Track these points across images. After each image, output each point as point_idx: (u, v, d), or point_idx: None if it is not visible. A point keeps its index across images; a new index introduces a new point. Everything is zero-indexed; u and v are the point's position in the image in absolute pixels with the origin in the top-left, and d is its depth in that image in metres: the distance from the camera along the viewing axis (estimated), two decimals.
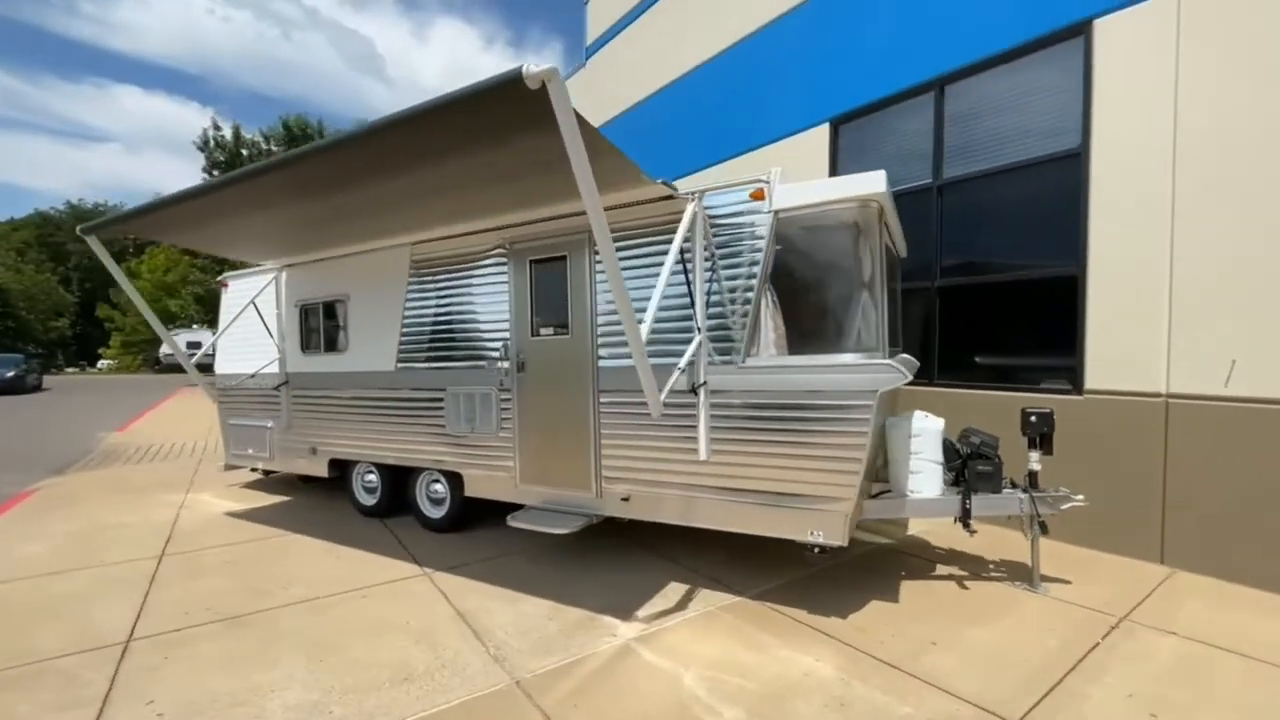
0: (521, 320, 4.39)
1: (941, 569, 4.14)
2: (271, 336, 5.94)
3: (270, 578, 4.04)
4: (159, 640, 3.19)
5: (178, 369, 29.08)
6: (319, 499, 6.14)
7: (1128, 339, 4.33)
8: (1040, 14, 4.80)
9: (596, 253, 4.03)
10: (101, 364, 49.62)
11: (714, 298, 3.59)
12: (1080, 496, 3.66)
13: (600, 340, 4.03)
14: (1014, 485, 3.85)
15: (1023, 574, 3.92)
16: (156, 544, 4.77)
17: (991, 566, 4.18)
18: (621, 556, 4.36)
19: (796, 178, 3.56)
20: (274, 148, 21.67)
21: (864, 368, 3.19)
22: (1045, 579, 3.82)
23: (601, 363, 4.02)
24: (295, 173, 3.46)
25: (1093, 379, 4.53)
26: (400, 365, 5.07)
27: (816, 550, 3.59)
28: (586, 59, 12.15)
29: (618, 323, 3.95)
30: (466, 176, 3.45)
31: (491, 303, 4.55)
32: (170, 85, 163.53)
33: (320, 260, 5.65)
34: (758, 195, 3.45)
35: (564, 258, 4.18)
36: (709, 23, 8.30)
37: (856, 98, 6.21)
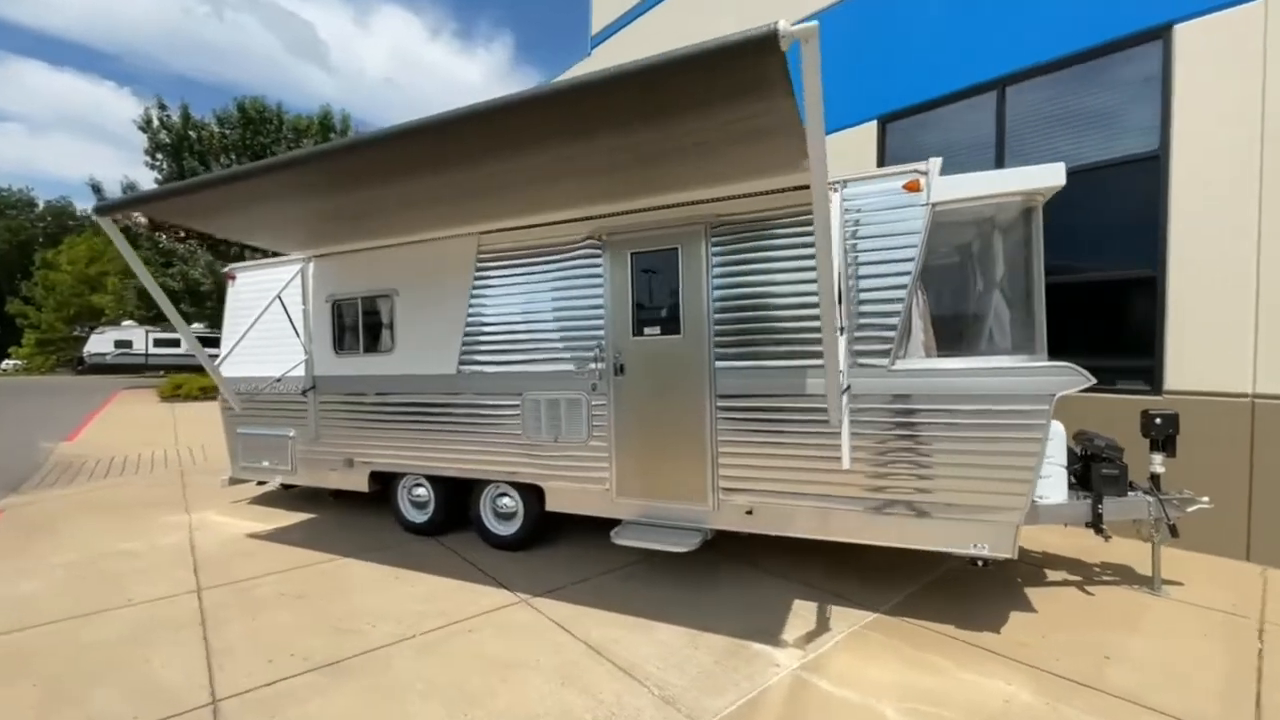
0: (620, 319, 4.03)
1: (1051, 574, 4.08)
2: (297, 336, 5.30)
3: (347, 612, 3.53)
4: (253, 699, 2.67)
5: (106, 369, 26.56)
6: (350, 515, 5.54)
7: (1211, 340, 4.39)
8: (1115, 18, 4.83)
9: (715, 244, 3.74)
10: (8, 364, 44.86)
11: (862, 295, 3.37)
12: (1205, 498, 3.65)
13: (717, 340, 3.73)
14: (1133, 488, 3.81)
15: (1129, 575, 3.91)
16: (184, 575, 4.12)
17: (1097, 570, 4.14)
18: (721, 572, 4.07)
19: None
20: (228, 131, 20.00)
21: (1040, 370, 3.04)
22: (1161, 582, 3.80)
23: (719, 364, 3.73)
24: (382, 153, 3.03)
25: (1173, 379, 4.59)
26: (464, 368, 4.59)
27: (981, 564, 3.42)
28: (592, 49, 11.75)
29: (738, 321, 3.67)
30: (612, 156, 3.09)
31: (581, 299, 4.17)
32: (82, 63, 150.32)
33: (359, 251, 5.08)
34: (912, 186, 3.25)
35: (674, 250, 3.86)
36: (741, 16, 8.11)
37: (906, 97, 6.14)
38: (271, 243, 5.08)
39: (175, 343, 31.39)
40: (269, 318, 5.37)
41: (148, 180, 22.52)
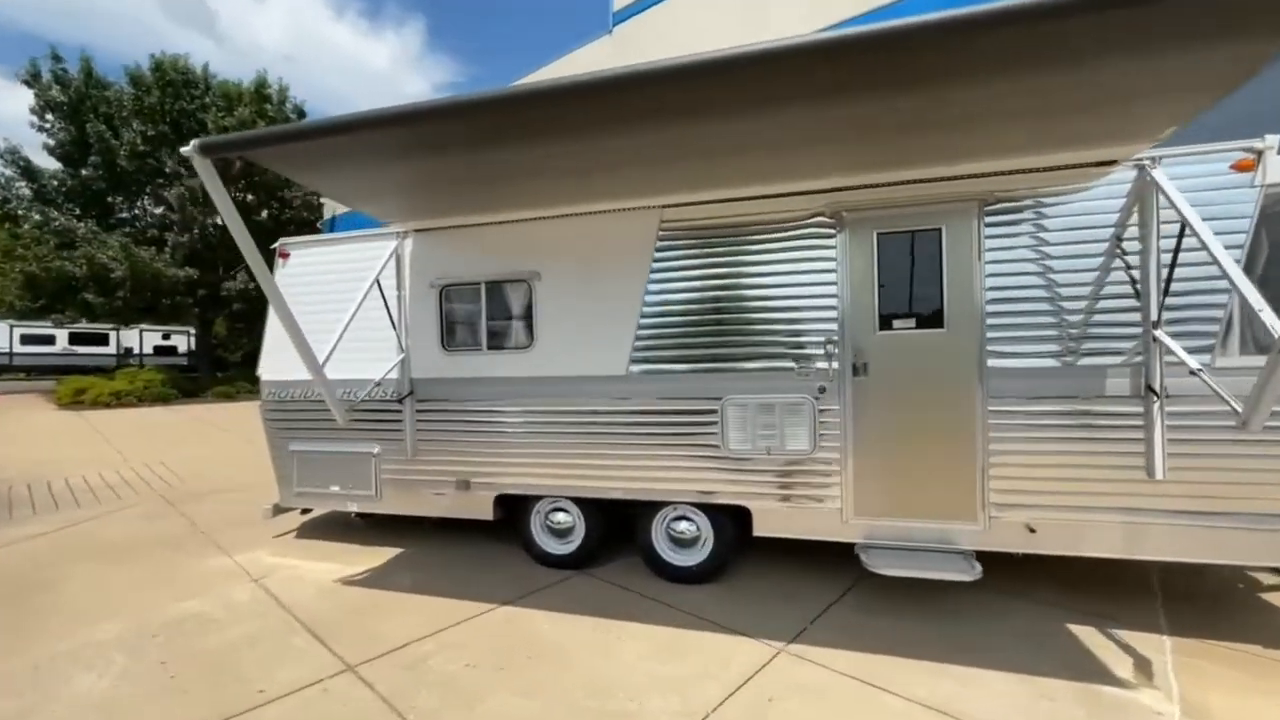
0: (861, 310, 3.45)
1: None
2: (394, 329, 4.26)
3: (585, 685, 2.72)
4: None
5: None
6: (447, 546, 4.56)
7: None
8: None
9: (989, 225, 3.25)
10: None
11: (1180, 286, 3.00)
12: None
13: (991, 335, 3.25)
14: None
15: None
16: (307, 645, 3.08)
17: None
18: (951, 595, 3.57)
19: None
20: (142, 94, 16.95)
21: None
22: None
23: (993, 362, 3.25)
24: (558, 108, 2.47)
25: None
26: (637, 368, 3.82)
27: None
28: (613, 26, 10.97)
29: (1020, 314, 3.21)
30: (874, 121, 2.66)
31: (805, 287, 3.54)
32: None
33: (482, 226, 4.14)
34: (1244, 166, 2.92)
35: (937, 231, 3.33)
36: (795, 8, 7.72)
37: None
38: (375, 207, 4.01)
39: (47, 340, 26.78)
40: (319, 307, 4.28)
41: (34, 145, 19.07)
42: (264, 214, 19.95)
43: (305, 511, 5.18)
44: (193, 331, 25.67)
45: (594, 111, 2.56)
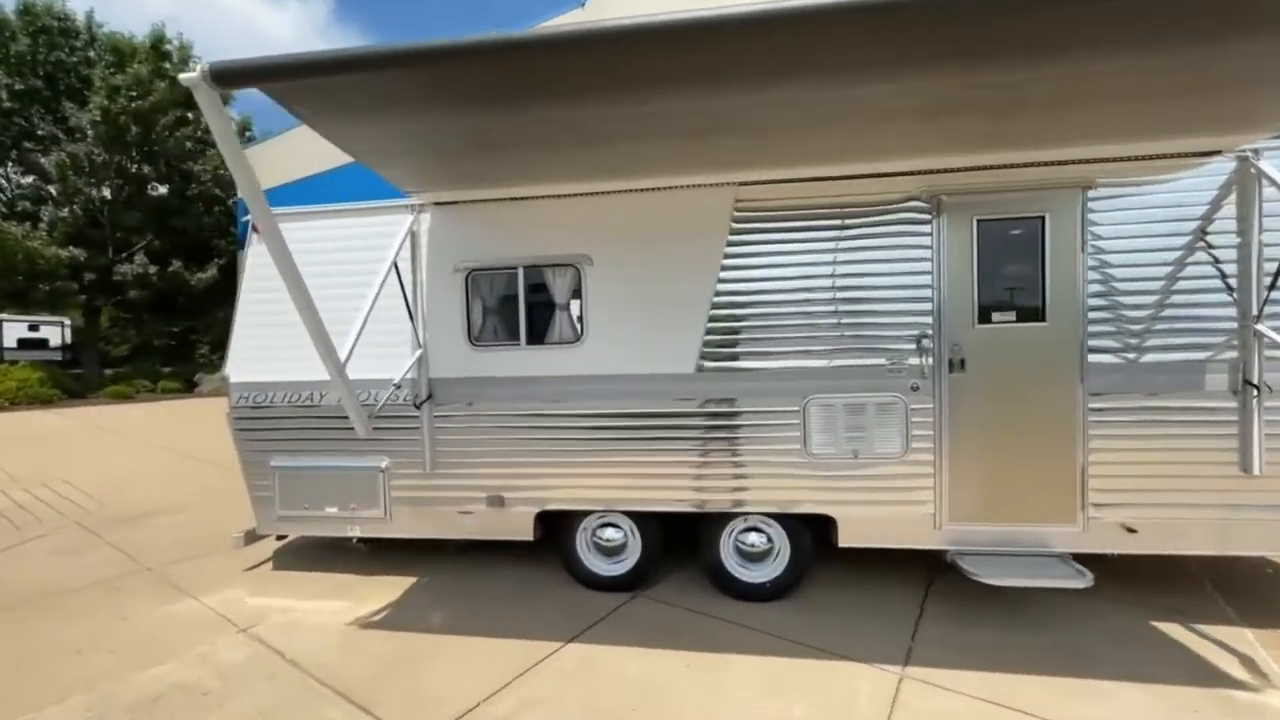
0: (959, 301, 3.22)
1: None
2: (413, 320, 3.59)
3: None
4: None
5: None
6: (463, 571, 3.95)
7: None
8: None
9: (1091, 213, 3.11)
10: None
11: None
12: None
13: (1093, 329, 3.12)
14: None
15: None
16: (342, 717, 2.45)
17: None
18: (1012, 598, 3.42)
19: None
20: (7, 40, 14.14)
21: None
22: None
23: (1093, 358, 3.12)
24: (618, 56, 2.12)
25: None
26: (708, 364, 3.41)
27: None
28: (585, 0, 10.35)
29: (1119, 306, 3.10)
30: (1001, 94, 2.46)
31: (897, 276, 3.27)
32: None
33: (522, 200, 3.56)
34: None
35: (1040, 219, 3.15)
36: None
37: None
38: (396, 171, 3.30)
39: None
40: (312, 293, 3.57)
41: None
42: (165, 188, 17.56)
43: (281, 538, 4.37)
44: (67, 323, 22.29)
45: (676, 65, 2.16)
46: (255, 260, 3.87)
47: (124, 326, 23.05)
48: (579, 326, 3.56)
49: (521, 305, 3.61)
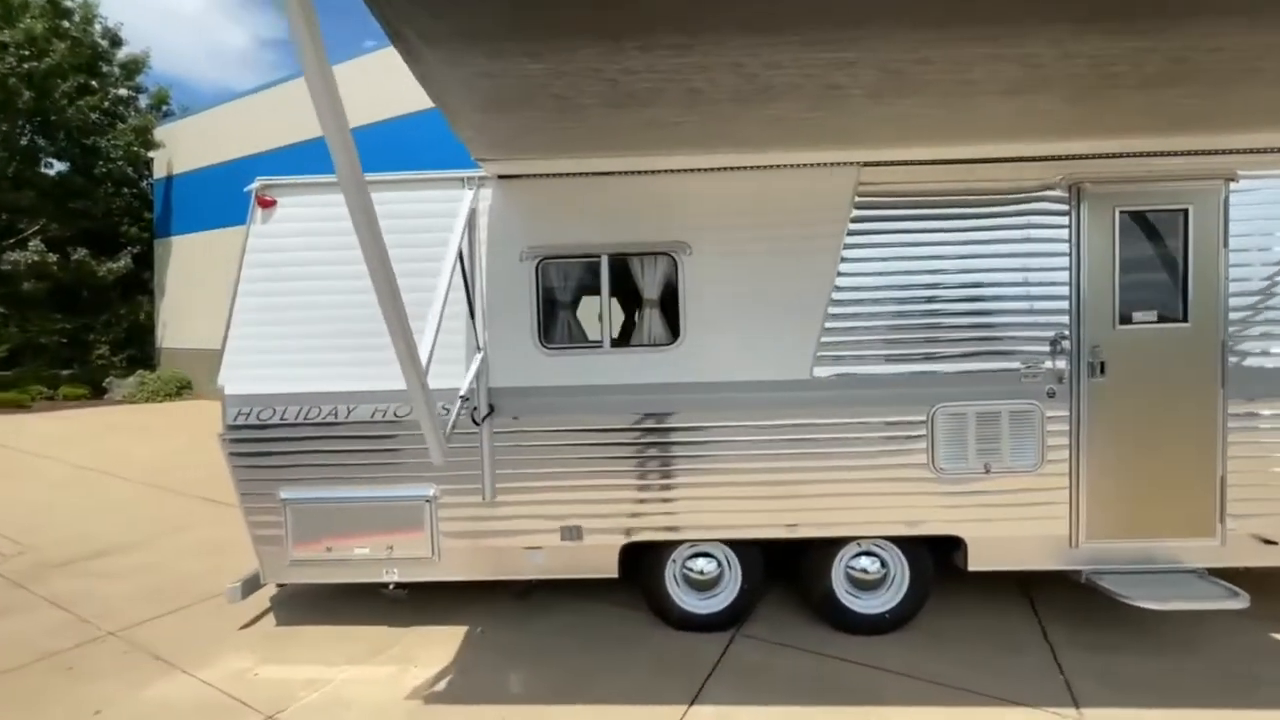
0: (1099, 300, 2.95)
1: None
2: (472, 319, 2.95)
3: None
4: None
5: None
6: (516, 616, 3.35)
7: None
8: None
9: (1233, 207, 2.92)
10: None
11: None
12: None
13: (1234, 330, 2.94)
14: None
15: None
16: None
17: None
18: (1151, 614, 3.26)
19: None
20: None
21: None
22: None
23: (1233, 360, 2.94)
24: None
25: None
26: (823, 369, 2.99)
27: None
28: None
29: (1263, 305, 2.94)
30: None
31: (1033, 271, 2.97)
32: None
33: (606, 175, 3.00)
34: None
35: (1183, 211, 2.93)
36: None
37: None
38: (474, 130, 2.63)
39: None
40: (330, 284, 2.97)
41: None
42: (65, 164, 15.31)
43: (281, 586, 3.59)
44: None
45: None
46: (258, 241, 3.10)
47: (3, 322, 19.93)
48: (675, 326, 3.04)
49: (605, 300, 3.05)
